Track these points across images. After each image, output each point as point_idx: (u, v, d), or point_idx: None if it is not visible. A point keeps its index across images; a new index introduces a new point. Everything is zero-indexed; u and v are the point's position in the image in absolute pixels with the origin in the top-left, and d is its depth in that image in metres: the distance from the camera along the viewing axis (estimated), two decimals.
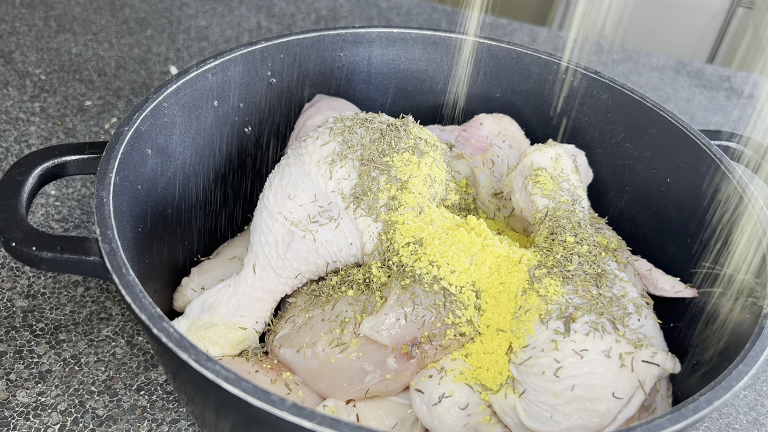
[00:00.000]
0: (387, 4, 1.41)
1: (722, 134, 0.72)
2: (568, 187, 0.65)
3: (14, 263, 0.76)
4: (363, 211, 0.59)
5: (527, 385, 0.52)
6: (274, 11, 1.34)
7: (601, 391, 0.51)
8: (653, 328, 0.58)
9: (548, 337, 0.53)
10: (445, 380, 0.54)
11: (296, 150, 0.63)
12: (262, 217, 0.62)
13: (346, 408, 0.57)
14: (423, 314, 0.55)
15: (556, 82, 0.78)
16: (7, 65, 1.06)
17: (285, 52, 0.74)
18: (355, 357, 0.55)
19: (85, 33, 1.18)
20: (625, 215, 0.76)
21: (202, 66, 0.66)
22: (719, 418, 0.72)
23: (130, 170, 0.57)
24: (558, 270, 0.57)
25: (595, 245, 0.61)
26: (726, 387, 0.46)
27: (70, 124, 0.97)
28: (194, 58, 1.16)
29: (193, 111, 0.66)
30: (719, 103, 1.27)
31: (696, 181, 0.67)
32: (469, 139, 0.75)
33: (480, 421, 0.54)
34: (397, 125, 0.63)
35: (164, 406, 0.65)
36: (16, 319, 0.70)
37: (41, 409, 0.63)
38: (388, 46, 0.80)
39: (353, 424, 0.40)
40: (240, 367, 0.58)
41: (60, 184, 0.87)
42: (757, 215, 0.59)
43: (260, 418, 0.41)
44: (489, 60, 0.80)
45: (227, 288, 0.62)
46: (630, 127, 0.74)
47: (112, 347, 0.69)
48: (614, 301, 0.56)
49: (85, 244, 0.50)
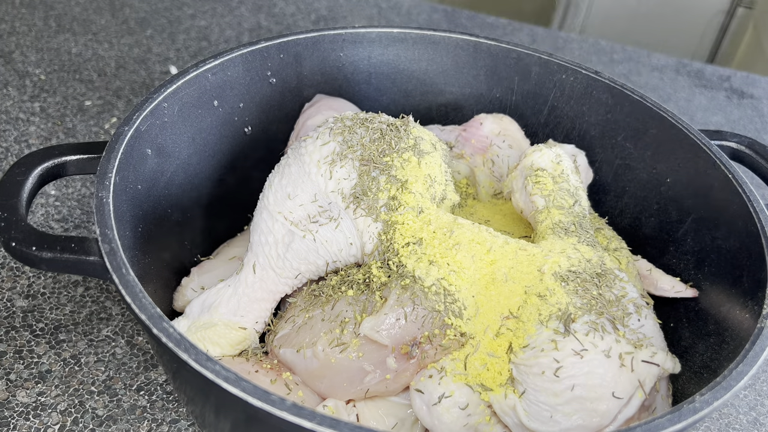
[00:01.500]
0: (387, 4, 1.41)
1: (722, 134, 0.72)
2: (568, 188, 0.65)
3: (14, 263, 0.76)
4: (363, 211, 0.59)
5: (527, 385, 0.52)
6: (274, 11, 1.34)
7: (600, 391, 0.51)
8: (653, 328, 0.58)
9: (548, 337, 0.53)
10: (445, 380, 0.54)
11: (296, 150, 0.63)
12: (262, 217, 0.62)
13: (346, 408, 0.57)
14: (423, 314, 0.55)
15: (556, 82, 0.78)
16: (7, 65, 1.06)
17: (285, 52, 0.74)
18: (355, 357, 0.55)
19: (85, 33, 1.18)
20: (625, 215, 0.76)
21: (202, 66, 0.66)
22: (719, 418, 0.72)
23: (130, 170, 0.57)
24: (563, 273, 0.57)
25: (595, 245, 0.61)
26: (726, 387, 0.46)
27: (70, 124, 0.97)
28: (194, 58, 1.16)
29: (193, 111, 0.66)
30: (719, 103, 1.27)
31: (696, 181, 0.67)
32: (469, 139, 0.75)
33: (480, 421, 0.54)
34: (397, 125, 0.63)
35: (164, 406, 0.65)
36: (16, 319, 0.70)
37: (41, 409, 0.63)
38: (388, 46, 0.80)
39: (353, 424, 0.40)
40: (240, 367, 0.58)
41: (60, 184, 0.87)
42: (756, 215, 0.59)
43: (260, 418, 0.41)
44: (489, 60, 0.80)
45: (227, 288, 0.62)
46: (630, 127, 0.74)
47: (112, 347, 0.69)
48: (614, 301, 0.56)
49: (84, 244, 0.50)
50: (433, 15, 1.40)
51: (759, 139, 1.18)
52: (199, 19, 1.27)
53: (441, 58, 0.81)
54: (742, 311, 0.56)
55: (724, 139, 0.71)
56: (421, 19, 1.37)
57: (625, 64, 1.34)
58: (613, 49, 1.38)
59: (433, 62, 0.81)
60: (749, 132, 1.20)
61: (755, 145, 0.71)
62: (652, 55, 1.39)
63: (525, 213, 0.66)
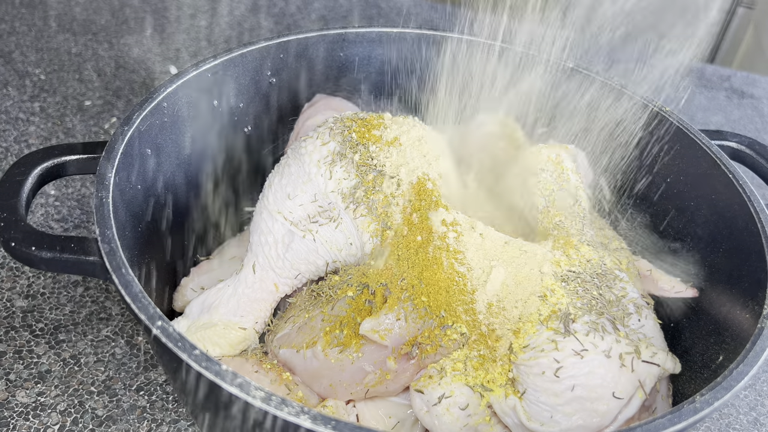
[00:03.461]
0: (387, 4, 1.41)
1: (722, 134, 0.72)
2: (568, 188, 0.65)
3: (14, 263, 0.76)
4: (363, 211, 0.59)
5: (527, 385, 0.52)
6: (274, 11, 1.34)
7: (601, 391, 0.51)
8: (653, 328, 0.57)
9: (548, 337, 0.53)
10: (445, 380, 0.54)
11: (296, 150, 0.63)
12: (261, 217, 0.62)
13: (346, 408, 0.57)
14: (423, 314, 0.55)
15: (556, 81, 0.78)
16: (6, 65, 1.06)
17: (285, 52, 0.74)
18: (355, 357, 0.55)
19: (85, 33, 1.18)
20: (625, 215, 0.76)
21: (202, 66, 0.66)
22: (719, 418, 0.72)
23: (130, 170, 0.57)
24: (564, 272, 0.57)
25: (595, 245, 0.61)
26: (726, 387, 0.46)
27: (69, 124, 0.97)
28: (194, 58, 1.16)
29: (193, 111, 0.66)
30: (719, 103, 1.27)
31: (696, 181, 0.67)
32: (470, 138, 0.75)
33: (480, 421, 0.54)
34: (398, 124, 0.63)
35: (164, 406, 0.65)
36: (15, 319, 0.70)
37: (41, 409, 0.63)
38: (388, 46, 0.80)
39: (353, 424, 0.40)
40: (240, 367, 0.58)
41: (60, 184, 0.86)
42: (757, 215, 0.59)
43: (260, 419, 0.41)
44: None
45: (227, 288, 0.62)
46: (630, 127, 0.74)
47: (111, 347, 0.69)
48: (614, 301, 0.56)
49: (84, 244, 0.50)
50: (433, 15, 1.40)
51: (759, 139, 1.18)
52: (199, 19, 1.27)
53: (441, 57, 0.80)
54: (742, 311, 0.56)
55: (724, 139, 0.71)
56: (421, 19, 1.37)
57: (625, 64, 1.34)
58: (614, 49, 1.38)
59: (433, 62, 0.81)
60: (749, 132, 1.20)
61: (755, 145, 0.71)
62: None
63: (525, 213, 0.66)
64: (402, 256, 0.57)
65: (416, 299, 0.55)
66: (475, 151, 0.75)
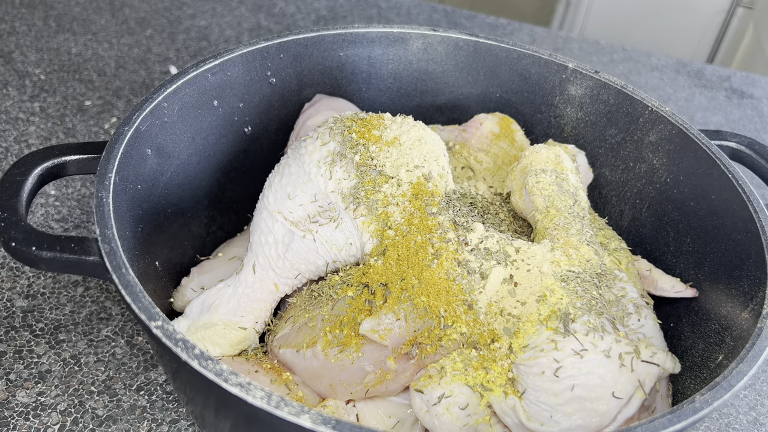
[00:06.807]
0: (387, 4, 1.41)
1: (722, 134, 0.72)
2: (567, 188, 0.65)
3: (14, 263, 0.76)
4: (363, 211, 0.59)
5: (527, 385, 0.52)
6: (274, 11, 1.34)
7: (600, 391, 0.51)
8: (653, 328, 0.58)
9: (548, 337, 0.53)
10: (444, 380, 0.54)
11: (296, 150, 0.63)
12: (261, 217, 0.62)
13: (346, 408, 0.57)
14: (423, 314, 0.55)
15: (556, 82, 0.78)
16: (6, 65, 1.06)
17: (285, 52, 0.74)
18: (355, 357, 0.55)
19: (85, 33, 1.18)
20: (625, 215, 0.76)
21: (202, 66, 0.66)
22: (719, 418, 0.72)
23: (130, 170, 0.57)
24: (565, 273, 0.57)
25: (595, 245, 0.61)
26: (726, 387, 0.46)
27: (69, 124, 0.97)
28: (194, 58, 1.16)
29: (193, 111, 0.66)
30: (719, 103, 1.27)
31: (696, 181, 0.67)
32: (469, 138, 0.75)
33: (480, 421, 0.54)
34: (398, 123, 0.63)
35: (164, 406, 0.65)
36: (15, 319, 0.70)
37: (41, 409, 0.63)
38: (388, 46, 0.80)
39: (353, 424, 0.40)
40: (240, 367, 0.58)
41: (60, 184, 0.87)
42: (756, 215, 0.59)
43: (260, 419, 0.41)
44: (489, 60, 0.80)
45: (227, 288, 0.62)
46: (630, 127, 0.74)
47: (111, 347, 0.69)
48: (614, 301, 0.56)
49: (84, 244, 0.50)
50: (433, 15, 1.40)
51: (759, 139, 1.18)
52: (199, 19, 1.27)
53: (441, 58, 0.81)
54: (742, 311, 0.56)
55: (724, 139, 0.71)
56: (421, 19, 1.37)
57: (625, 64, 1.34)
58: (613, 49, 1.38)
59: (433, 62, 0.81)
60: (749, 132, 1.20)
61: (755, 145, 0.71)
62: (652, 55, 1.39)
63: (525, 213, 0.66)
64: (402, 256, 0.57)
65: (416, 299, 0.55)
66: (475, 151, 0.75)
